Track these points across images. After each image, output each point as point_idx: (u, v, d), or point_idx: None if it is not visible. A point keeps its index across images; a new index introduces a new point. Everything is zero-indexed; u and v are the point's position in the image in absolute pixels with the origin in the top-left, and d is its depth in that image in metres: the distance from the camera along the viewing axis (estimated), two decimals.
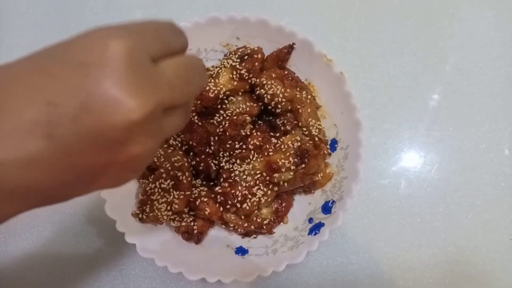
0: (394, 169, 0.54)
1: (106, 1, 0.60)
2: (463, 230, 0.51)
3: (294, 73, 0.51)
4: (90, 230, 0.52)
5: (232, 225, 0.46)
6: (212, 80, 0.47)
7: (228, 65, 0.47)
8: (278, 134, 0.48)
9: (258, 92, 0.47)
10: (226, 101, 0.48)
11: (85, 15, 0.60)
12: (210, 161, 0.47)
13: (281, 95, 0.47)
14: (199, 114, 0.48)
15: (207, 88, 0.46)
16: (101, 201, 0.45)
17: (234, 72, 0.47)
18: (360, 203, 0.52)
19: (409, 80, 0.57)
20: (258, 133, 0.47)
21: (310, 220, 0.47)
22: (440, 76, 0.57)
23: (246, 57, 0.47)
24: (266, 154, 0.45)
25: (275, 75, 0.48)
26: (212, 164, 0.47)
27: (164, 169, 0.46)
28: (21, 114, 0.20)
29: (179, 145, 0.48)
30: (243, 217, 0.46)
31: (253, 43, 0.51)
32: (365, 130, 0.46)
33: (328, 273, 0.50)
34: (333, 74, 0.48)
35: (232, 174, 0.45)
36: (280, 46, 0.50)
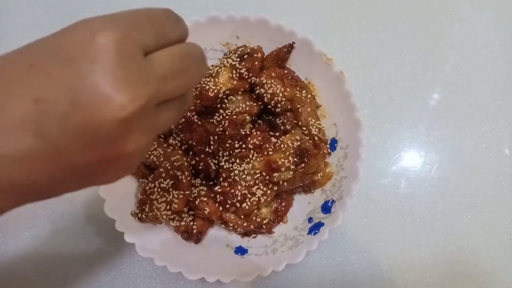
0: (394, 169, 0.54)
1: (106, 1, 0.60)
2: (463, 230, 0.51)
3: (294, 72, 0.51)
4: (90, 230, 0.52)
5: (232, 225, 0.46)
6: (212, 79, 0.47)
7: (228, 64, 0.47)
8: (278, 134, 0.48)
9: (258, 92, 0.47)
10: (226, 101, 0.48)
11: (85, 15, 0.59)
12: (210, 161, 0.47)
13: (281, 95, 0.47)
14: (199, 114, 0.48)
15: (207, 88, 0.46)
16: (101, 201, 0.45)
17: (234, 71, 0.47)
18: (360, 203, 0.52)
19: (409, 80, 0.57)
20: (258, 133, 0.47)
21: (310, 220, 0.47)
22: (440, 76, 0.57)
23: (246, 56, 0.47)
24: (266, 154, 0.45)
25: (275, 74, 0.48)
26: (212, 164, 0.47)
27: (164, 169, 0.46)
28: (9, 112, 0.20)
29: (179, 145, 0.48)
30: (243, 217, 0.45)
31: (253, 42, 0.51)
32: (365, 130, 0.46)
33: (328, 273, 0.50)
34: (333, 73, 0.48)
35: (232, 174, 0.45)
36: (280, 45, 0.50)
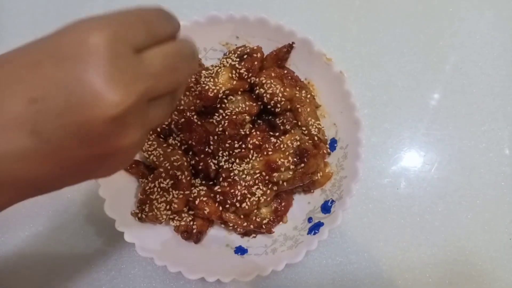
0: (394, 169, 0.54)
1: (105, 1, 0.60)
2: (463, 230, 0.51)
3: (294, 72, 0.51)
4: (89, 230, 0.52)
5: (232, 225, 0.46)
6: (212, 80, 0.47)
7: (228, 64, 0.47)
8: (278, 134, 0.48)
9: (258, 92, 0.47)
10: (226, 101, 0.48)
11: (85, 15, 0.60)
12: (210, 161, 0.47)
13: (281, 95, 0.47)
14: (199, 114, 0.48)
15: (207, 88, 0.46)
16: (101, 201, 0.45)
17: (234, 72, 0.47)
18: (360, 203, 0.52)
19: (409, 80, 0.57)
20: (258, 133, 0.47)
21: (310, 220, 0.47)
22: (440, 76, 0.57)
23: (246, 56, 0.47)
24: (266, 154, 0.45)
25: (275, 74, 0.48)
26: (212, 164, 0.47)
27: (164, 169, 0.46)
28: (5, 111, 0.20)
29: (179, 145, 0.48)
30: (243, 217, 0.46)
31: (253, 42, 0.51)
32: (365, 130, 0.46)
33: (328, 273, 0.50)
34: (333, 73, 0.48)
35: (232, 174, 0.45)
36: (280, 45, 0.50)
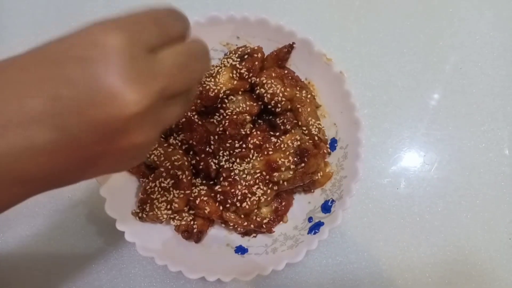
0: (394, 169, 0.54)
1: (106, 1, 0.60)
2: (463, 230, 0.51)
3: (294, 73, 0.51)
4: (90, 229, 0.52)
5: (232, 224, 0.46)
6: (212, 79, 0.47)
7: (228, 64, 0.48)
8: (278, 133, 0.48)
9: (258, 91, 0.48)
10: (226, 100, 0.48)
11: (85, 15, 0.60)
12: (210, 160, 0.47)
13: (281, 94, 0.47)
14: (199, 113, 0.48)
15: (207, 88, 0.47)
16: (101, 200, 0.45)
17: (234, 72, 0.47)
18: (360, 203, 0.52)
19: (409, 80, 0.57)
20: (258, 132, 0.47)
21: (310, 219, 0.47)
22: (440, 76, 0.57)
23: (246, 57, 0.47)
24: (266, 153, 0.45)
25: (275, 75, 0.48)
26: (212, 163, 0.47)
27: (164, 168, 0.46)
28: (29, 107, 0.21)
29: (179, 144, 0.48)
30: (243, 216, 0.46)
31: (253, 43, 0.51)
32: (365, 130, 0.46)
33: (328, 272, 0.50)
34: (333, 73, 0.48)
35: (232, 173, 0.45)
36: (280, 46, 0.50)
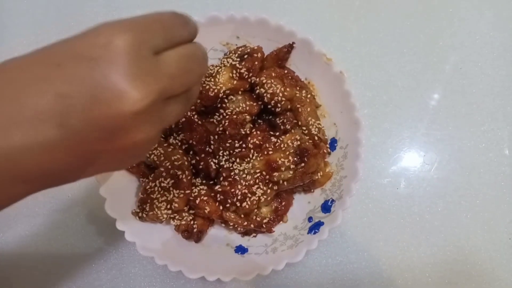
0: (394, 169, 0.54)
1: (106, 1, 0.60)
2: (463, 230, 0.51)
3: (294, 72, 0.51)
4: (90, 229, 0.52)
5: (232, 224, 0.46)
6: (212, 79, 0.47)
7: (228, 64, 0.48)
8: (278, 133, 0.48)
9: (258, 91, 0.48)
10: (226, 100, 0.48)
11: (85, 15, 0.60)
12: (210, 160, 0.47)
13: (281, 94, 0.47)
14: (199, 113, 0.48)
15: (207, 87, 0.47)
16: (101, 200, 0.45)
17: (234, 71, 0.47)
18: (360, 202, 0.52)
19: (409, 80, 0.57)
20: (258, 132, 0.48)
21: (310, 219, 0.47)
22: (440, 76, 0.57)
23: (246, 56, 0.47)
24: (266, 153, 0.45)
25: (275, 74, 0.48)
26: (212, 163, 0.47)
27: (164, 168, 0.46)
28: (35, 104, 0.22)
29: (179, 144, 0.48)
30: (243, 216, 0.46)
31: (253, 42, 0.51)
32: (365, 129, 0.46)
33: (328, 272, 0.50)
34: (333, 73, 0.48)
35: (232, 173, 0.45)
36: (280, 45, 0.50)
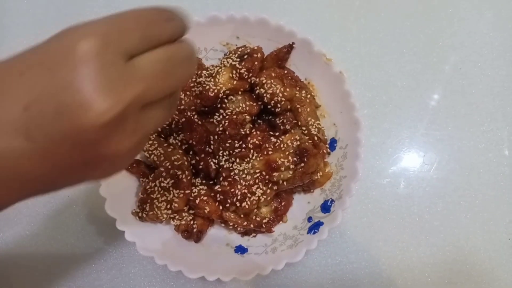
0: (393, 169, 0.54)
1: (106, 1, 0.60)
2: (462, 230, 0.52)
3: (294, 73, 0.51)
4: (90, 229, 0.52)
5: (232, 224, 0.46)
6: (212, 79, 0.47)
7: (228, 64, 0.48)
8: (278, 133, 0.48)
9: (258, 92, 0.48)
10: (226, 100, 0.48)
11: (85, 15, 0.60)
12: (210, 160, 0.47)
13: (281, 95, 0.47)
14: (199, 113, 0.48)
15: (207, 88, 0.47)
16: (101, 200, 0.45)
17: (234, 72, 0.47)
18: (359, 202, 0.52)
19: (409, 80, 0.57)
20: (258, 132, 0.48)
21: (309, 219, 0.47)
22: (440, 76, 0.57)
23: (246, 57, 0.47)
24: (266, 153, 0.45)
25: (275, 75, 0.48)
26: (212, 163, 0.47)
27: (164, 168, 0.46)
28: (2, 116, 0.21)
29: (179, 144, 0.48)
30: (243, 216, 0.46)
31: (253, 43, 0.51)
32: (364, 130, 0.46)
33: (327, 272, 0.50)
34: (333, 74, 0.48)
35: (232, 173, 0.45)
36: (280, 46, 0.50)
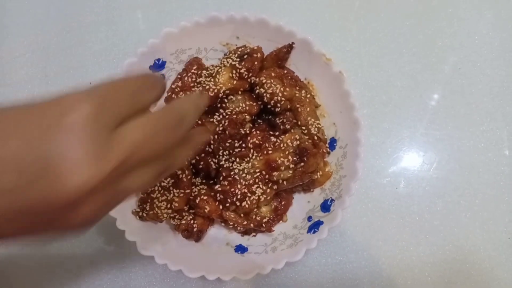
0: (393, 168, 0.54)
1: (106, 1, 0.61)
2: (462, 229, 0.52)
3: (294, 72, 0.51)
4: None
5: (232, 223, 0.46)
6: (212, 79, 0.47)
7: (228, 64, 0.48)
8: (278, 133, 0.48)
9: (258, 91, 0.48)
10: (226, 100, 0.48)
11: (85, 15, 0.60)
12: (210, 160, 0.47)
13: (281, 94, 0.47)
14: None
15: (207, 87, 0.47)
16: None
17: (234, 71, 0.47)
18: (359, 202, 0.52)
19: (408, 80, 0.57)
20: (258, 132, 0.48)
21: (309, 218, 0.48)
22: (439, 76, 0.57)
23: (246, 56, 0.47)
24: (266, 153, 0.45)
25: (275, 74, 0.48)
26: (212, 163, 0.47)
27: None
28: None
29: None
30: (243, 215, 0.46)
31: (253, 43, 0.51)
32: (364, 129, 0.47)
33: (327, 271, 0.50)
34: (332, 73, 0.48)
35: (232, 173, 0.45)
36: (280, 46, 0.50)
